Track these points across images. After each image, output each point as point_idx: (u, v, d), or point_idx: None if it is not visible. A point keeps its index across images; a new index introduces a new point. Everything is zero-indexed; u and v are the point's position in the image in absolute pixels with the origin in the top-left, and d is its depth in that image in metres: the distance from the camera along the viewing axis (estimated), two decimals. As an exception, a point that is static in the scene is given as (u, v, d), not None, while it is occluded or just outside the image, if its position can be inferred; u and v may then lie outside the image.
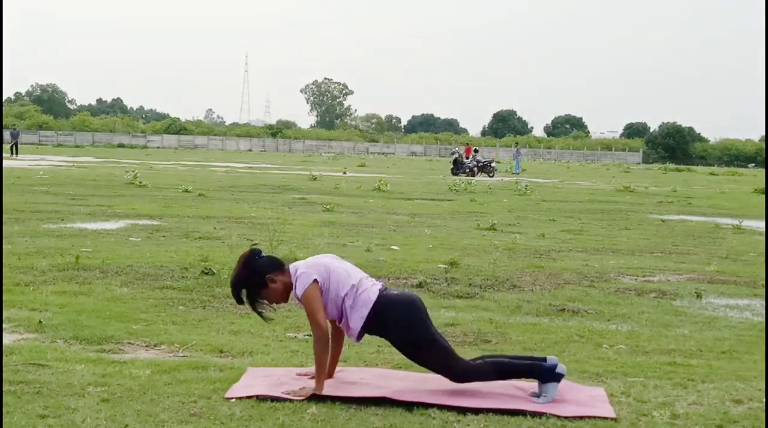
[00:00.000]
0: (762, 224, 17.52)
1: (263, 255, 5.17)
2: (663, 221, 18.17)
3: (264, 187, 25.42)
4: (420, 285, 8.81)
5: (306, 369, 5.38)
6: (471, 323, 7.15)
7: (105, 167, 36.49)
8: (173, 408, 4.65)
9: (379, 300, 5.04)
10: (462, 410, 4.76)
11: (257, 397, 4.85)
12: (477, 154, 45.58)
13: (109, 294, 7.92)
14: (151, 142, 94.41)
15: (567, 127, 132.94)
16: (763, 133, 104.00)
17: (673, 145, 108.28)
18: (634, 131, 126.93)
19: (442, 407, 4.78)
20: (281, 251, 10.30)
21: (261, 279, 5.07)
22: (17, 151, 47.09)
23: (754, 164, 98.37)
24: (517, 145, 58.61)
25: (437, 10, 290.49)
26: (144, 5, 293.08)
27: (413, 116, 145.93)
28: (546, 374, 5.00)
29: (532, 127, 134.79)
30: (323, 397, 4.89)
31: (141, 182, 24.08)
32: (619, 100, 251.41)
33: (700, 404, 5.01)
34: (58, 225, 13.37)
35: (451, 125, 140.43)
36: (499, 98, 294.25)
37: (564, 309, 7.89)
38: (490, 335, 6.75)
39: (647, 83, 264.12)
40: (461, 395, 4.98)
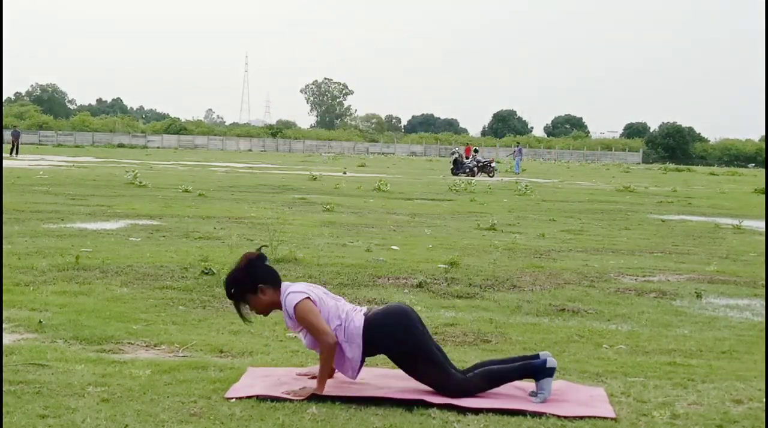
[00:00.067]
0: (762, 224, 17.52)
1: (267, 263, 5.18)
2: (663, 221, 18.17)
3: (264, 187, 25.43)
4: (420, 285, 8.80)
5: (306, 369, 5.39)
6: (471, 323, 7.15)
7: (105, 167, 36.49)
8: (173, 408, 4.65)
9: (366, 323, 5.07)
10: (462, 410, 4.76)
11: (257, 397, 4.85)
12: (477, 154, 45.62)
13: (109, 294, 7.92)
14: (151, 142, 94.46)
15: (567, 127, 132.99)
16: (763, 133, 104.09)
17: (673, 145, 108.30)
18: (634, 131, 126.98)
19: (442, 407, 4.79)
20: (281, 251, 10.30)
21: (253, 285, 5.09)
22: (17, 151, 47.08)
23: (754, 164, 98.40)
24: (518, 145, 58.57)
25: (437, 10, 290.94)
26: (144, 5, 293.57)
27: (413, 116, 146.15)
28: (538, 371, 5.02)
29: (532, 127, 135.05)
30: (323, 397, 4.89)
31: (141, 182, 24.09)
32: (619, 100, 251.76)
33: (700, 404, 5.01)
34: (58, 225, 13.37)
35: (451, 125, 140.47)
36: (499, 98, 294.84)
37: (564, 309, 7.89)
38: (490, 335, 6.75)
39: (647, 83, 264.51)
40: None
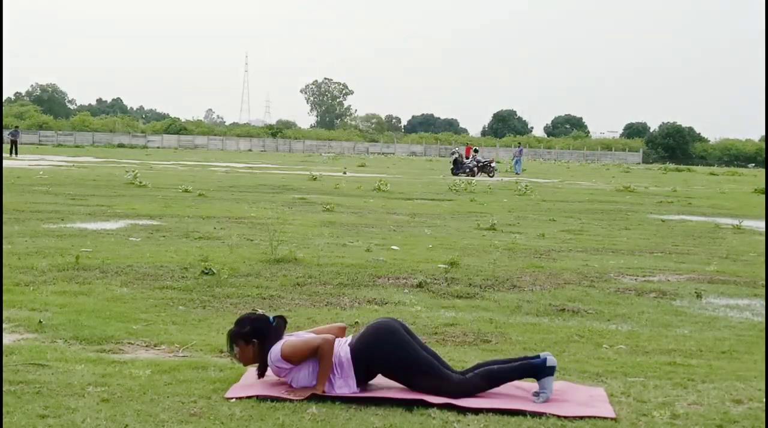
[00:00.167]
0: (762, 224, 17.53)
1: (275, 324, 5.22)
2: (663, 221, 18.17)
3: (264, 187, 25.43)
4: (420, 285, 8.81)
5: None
6: (471, 323, 7.15)
7: (105, 167, 36.50)
8: (173, 408, 4.65)
9: (352, 350, 5.09)
10: (462, 410, 4.76)
11: (257, 397, 4.85)
12: (477, 154, 45.62)
13: (109, 294, 7.93)
14: (151, 142, 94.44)
15: (567, 127, 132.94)
16: (763, 133, 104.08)
17: (673, 145, 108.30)
18: (634, 131, 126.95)
19: (442, 407, 4.79)
20: (281, 251, 10.31)
21: (248, 336, 5.18)
22: (17, 151, 47.09)
23: (754, 164, 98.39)
24: (520, 145, 58.49)
25: (437, 10, 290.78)
26: (144, 5, 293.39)
27: (413, 116, 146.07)
28: (538, 370, 5.03)
29: (532, 127, 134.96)
30: (323, 397, 4.90)
31: (141, 182, 24.09)
32: (619, 100, 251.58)
33: (700, 404, 5.01)
34: (58, 225, 13.38)
35: (451, 125, 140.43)
36: (499, 98, 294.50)
37: (564, 309, 7.89)
38: (490, 335, 6.75)
39: (647, 83, 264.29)
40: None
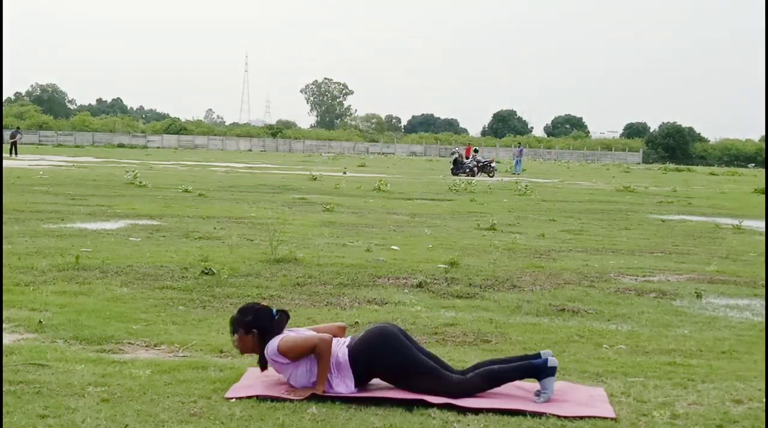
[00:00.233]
0: (762, 224, 17.53)
1: (277, 318, 5.22)
2: (663, 221, 18.17)
3: (264, 187, 25.43)
4: (420, 285, 8.81)
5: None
6: (471, 323, 7.15)
7: (105, 167, 36.49)
8: (173, 408, 4.65)
9: (351, 352, 5.10)
10: (462, 410, 4.76)
11: (257, 397, 4.85)
12: (477, 154, 45.61)
13: (109, 294, 7.93)
14: (151, 142, 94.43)
15: (567, 127, 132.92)
16: (763, 133, 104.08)
17: (673, 145, 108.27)
18: (634, 131, 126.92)
19: (442, 407, 4.79)
20: (281, 251, 10.31)
21: (248, 325, 5.20)
22: (17, 152, 47.06)
23: (754, 164, 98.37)
24: (520, 145, 58.46)
25: (437, 10, 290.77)
26: (144, 5, 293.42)
27: (413, 116, 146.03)
28: (539, 371, 5.03)
29: (532, 127, 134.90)
30: (323, 397, 4.90)
31: (141, 182, 24.09)
32: (619, 100, 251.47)
33: (700, 404, 5.01)
34: (58, 225, 13.38)
35: (451, 125, 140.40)
36: (499, 98, 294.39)
37: (564, 309, 7.89)
38: (490, 335, 6.75)
39: (647, 83, 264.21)
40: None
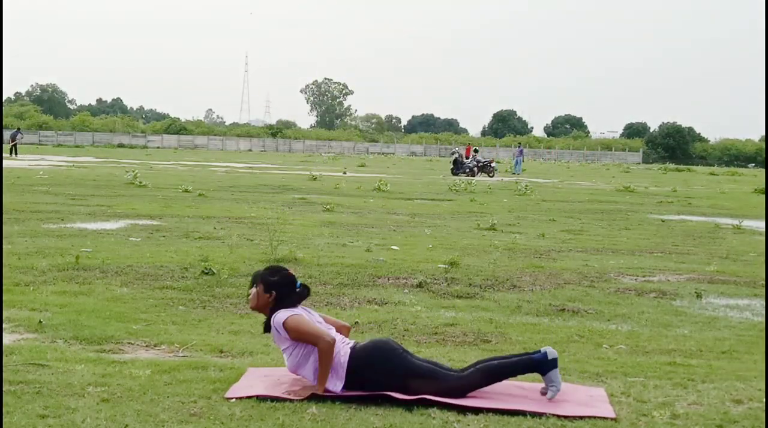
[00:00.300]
0: (762, 224, 17.53)
1: (298, 291, 5.26)
2: (663, 221, 18.17)
3: (264, 187, 25.43)
4: (420, 285, 8.80)
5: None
6: (471, 323, 7.15)
7: (105, 167, 36.50)
8: (173, 408, 4.65)
9: (353, 355, 5.09)
10: (462, 410, 4.76)
11: (257, 397, 4.85)
12: (477, 154, 45.62)
13: (109, 294, 7.93)
14: (151, 142, 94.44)
15: (567, 127, 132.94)
16: (763, 133, 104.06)
17: (673, 145, 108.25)
18: (634, 131, 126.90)
19: (442, 407, 4.79)
20: (281, 251, 10.31)
21: (270, 285, 5.22)
22: (16, 152, 47.06)
23: (754, 164, 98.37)
24: (520, 145, 58.40)
25: (437, 10, 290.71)
26: (144, 5, 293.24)
27: (413, 116, 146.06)
28: (541, 364, 5.03)
29: (532, 127, 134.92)
30: (323, 397, 4.90)
31: (141, 182, 24.10)
32: (619, 100, 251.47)
33: (700, 404, 5.01)
34: (58, 225, 13.38)
35: (451, 125, 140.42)
36: (499, 98, 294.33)
37: (564, 309, 7.89)
38: (490, 335, 6.75)
39: (647, 83, 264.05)
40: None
